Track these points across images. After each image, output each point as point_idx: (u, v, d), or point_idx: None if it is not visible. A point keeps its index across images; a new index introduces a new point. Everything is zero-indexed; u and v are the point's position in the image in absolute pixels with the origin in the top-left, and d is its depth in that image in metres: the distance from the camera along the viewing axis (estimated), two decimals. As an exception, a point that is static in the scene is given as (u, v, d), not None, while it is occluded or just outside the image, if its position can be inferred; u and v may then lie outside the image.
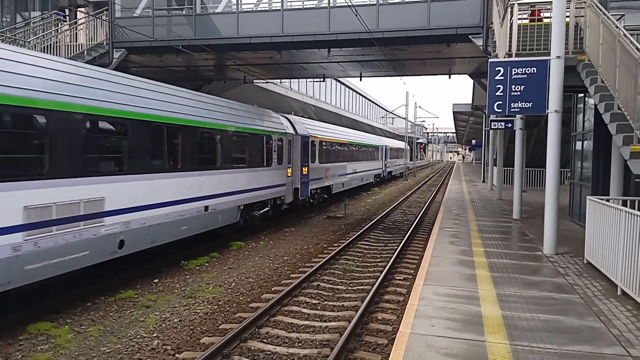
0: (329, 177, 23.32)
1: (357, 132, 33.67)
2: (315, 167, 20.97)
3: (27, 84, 7.55)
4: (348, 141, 27.85)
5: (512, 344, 5.31)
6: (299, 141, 19.02)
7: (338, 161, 25.20)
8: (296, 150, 18.71)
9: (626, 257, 6.87)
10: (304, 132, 19.85)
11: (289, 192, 17.82)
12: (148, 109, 10.33)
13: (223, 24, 16.48)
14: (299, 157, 18.89)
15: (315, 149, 21.15)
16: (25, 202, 7.39)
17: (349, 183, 27.81)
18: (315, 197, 21.67)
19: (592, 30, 9.88)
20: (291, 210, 19.59)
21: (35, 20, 18.92)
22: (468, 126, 53.58)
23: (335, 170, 24.55)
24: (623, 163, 10.13)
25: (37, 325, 7.67)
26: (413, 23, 14.96)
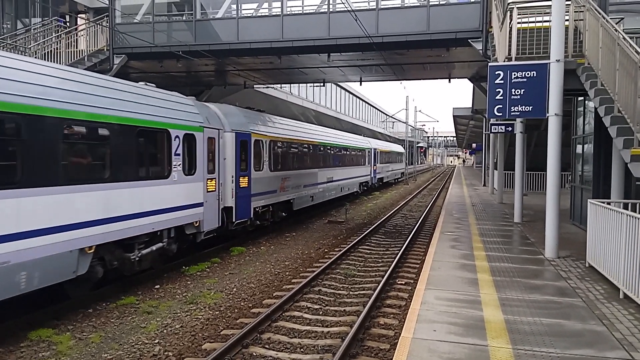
0: (288, 189, 17.91)
1: (332, 131, 27.06)
2: (262, 177, 15.63)
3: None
4: (319, 142, 22.20)
5: (514, 348, 5.30)
6: (231, 141, 13.62)
7: (303, 167, 19.73)
8: (227, 153, 13.49)
9: (628, 260, 6.86)
10: (242, 128, 14.43)
11: (210, 214, 12.34)
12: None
13: (223, 30, 16.52)
14: (232, 164, 13.61)
15: (263, 152, 15.81)
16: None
17: (322, 195, 22.32)
18: (265, 216, 16.35)
19: (591, 33, 9.89)
20: (224, 238, 14.51)
21: (36, 27, 18.99)
22: (468, 130, 53.59)
23: (299, 180, 19.08)
24: (624, 166, 10.12)
25: (39, 332, 7.66)
26: (413, 27, 14.99)
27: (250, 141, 14.80)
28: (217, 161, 12.94)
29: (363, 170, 31.55)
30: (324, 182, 22.59)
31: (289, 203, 18.29)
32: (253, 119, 15.76)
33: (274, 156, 16.79)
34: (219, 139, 13.12)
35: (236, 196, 13.74)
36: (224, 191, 13.36)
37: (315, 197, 21.22)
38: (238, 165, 13.91)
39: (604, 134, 10.55)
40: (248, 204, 14.56)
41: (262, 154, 15.73)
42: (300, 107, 36.78)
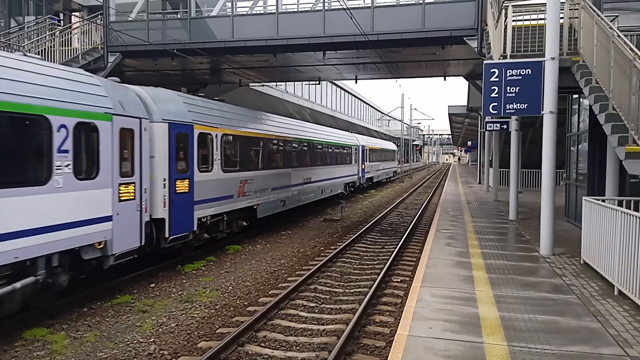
0: (250, 193, 15.05)
1: (311, 126, 24.00)
2: (212, 180, 12.75)
3: None
4: (293, 138, 19.30)
5: (510, 345, 5.31)
6: (163, 134, 10.88)
7: (271, 167, 16.90)
8: (157, 150, 10.72)
9: (623, 258, 6.89)
10: (181, 117, 11.58)
11: (124, 231, 9.44)
12: None
13: (218, 28, 16.49)
14: (164, 164, 10.85)
15: (212, 149, 12.86)
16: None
17: (296, 199, 19.46)
18: (219, 227, 13.48)
19: (586, 31, 9.92)
20: (150, 260, 11.46)
21: (30, 25, 18.88)
22: (463, 128, 53.73)
23: (265, 182, 16.26)
24: (618, 163, 10.15)
25: (33, 331, 7.62)
26: (408, 25, 15.01)
27: (193, 135, 11.87)
28: (137, 160, 9.88)
29: (349, 169, 28.75)
30: (299, 183, 19.77)
31: (252, 210, 15.40)
32: (198, 108, 12.70)
33: (230, 154, 13.97)
34: (141, 131, 10.01)
35: (170, 205, 10.91)
36: (152, 199, 10.46)
37: (287, 202, 18.36)
38: (173, 165, 11.08)
39: (598, 131, 10.57)
40: (189, 213, 11.66)
41: (211, 151, 12.79)
42: (296, 105, 36.77)
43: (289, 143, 18.72)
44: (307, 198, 20.97)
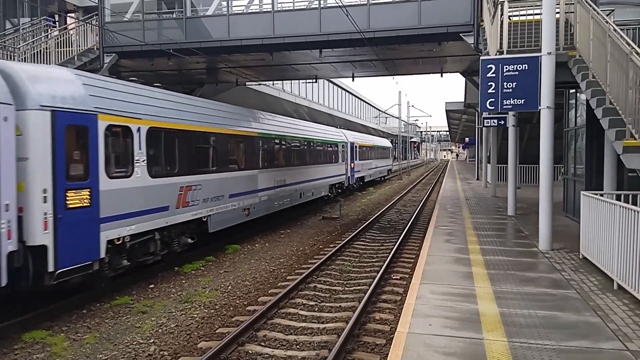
0: (197, 202, 12.05)
1: (284, 120, 20.19)
2: (132, 188, 9.87)
3: None
4: (260, 133, 16.22)
5: (510, 341, 5.31)
6: (42, 125, 7.87)
7: (227, 170, 13.78)
8: (31, 148, 7.77)
9: (622, 252, 6.89)
10: (75, 104, 8.52)
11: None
12: None
13: (214, 27, 16.44)
14: (45, 168, 7.86)
15: (133, 147, 9.98)
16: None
17: (265, 206, 16.37)
18: (149, 249, 10.57)
19: (582, 26, 9.91)
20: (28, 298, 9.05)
21: (25, 27, 18.82)
22: (461, 124, 53.74)
23: (219, 188, 13.20)
24: (616, 158, 10.16)
25: (33, 334, 7.60)
26: (404, 22, 14.98)
27: (96, 127, 8.86)
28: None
29: (335, 169, 25.65)
30: (269, 187, 16.62)
31: (201, 223, 12.50)
32: (108, 92, 9.53)
33: (162, 154, 10.97)
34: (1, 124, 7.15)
35: (57, 225, 7.93)
36: (26, 219, 7.65)
37: (253, 210, 15.27)
38: (61, 170, 8.09)
39: (596, 126, 10.58)
40: (91, 235, 8.68)
41: (131, 151, 9.90)
42: (293, 104, 36.72)
43: (253, 140, 15.59)
44: (282, 204, 17.80)
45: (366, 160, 34.43)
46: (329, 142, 25.16)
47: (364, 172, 33.37)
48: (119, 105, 9.66)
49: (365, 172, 34.12)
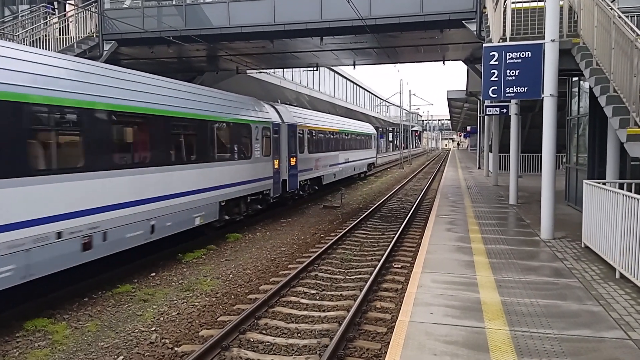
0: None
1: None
2: None
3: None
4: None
5: (511, 329, 5.30)
6: None
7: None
8: None
9: (624, 241, 6.86)
10: None
11: None
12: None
13: (214, 14, 16.29)
14: None
15: None
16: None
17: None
18: None
19: (586, 12, 9.79)
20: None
21: (24, 14, 18.67)
22: (463, 113, 53.56)
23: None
24: (619, 146, 10.10)
25: (34, 322, 7.62)
26: (406, 9, 14.83)
27: None
28: None
29: (242, 171, 14.81)
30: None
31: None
32: None
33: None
34: None
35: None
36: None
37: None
38: None
39: (599, 114, 10.50)
40: None
41: None
42: (294, 92, 36.55)
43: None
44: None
45: (326, 153, 23.92)
46: (227, 120, 14.16)
47: (321, 170, 22.85)
48: None
49: (326, 170, 23.74)
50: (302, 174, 20.02)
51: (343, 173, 27.28)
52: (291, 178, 18.72)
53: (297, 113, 21.00)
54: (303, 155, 20.21)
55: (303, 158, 20.24)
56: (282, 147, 18.13)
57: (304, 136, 20.62)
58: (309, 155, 21.07)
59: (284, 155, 18.22)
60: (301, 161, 19.93)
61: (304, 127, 20.65)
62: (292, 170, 18.78)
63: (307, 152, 20.77)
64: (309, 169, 21.10)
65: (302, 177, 20.14)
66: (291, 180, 18.78)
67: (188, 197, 11.86)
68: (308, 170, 21.00)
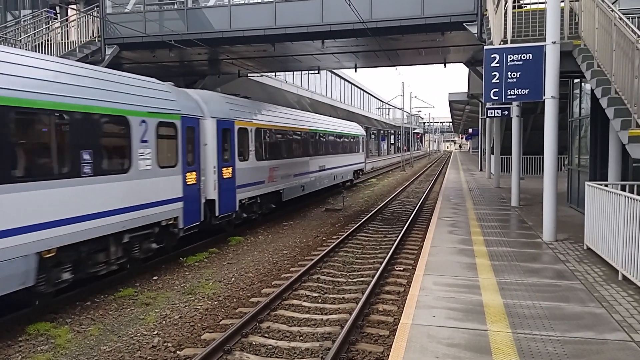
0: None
1: None
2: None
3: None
4: None
5: (514, 332, 5.29)
6: None
7: None
8: None
9: (626, 242, 6.85)
10: None
11: None
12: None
13: (215, 18, 16.35)
14: None
15: None
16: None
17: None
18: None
19: (587, 14, 9.80)
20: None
21: (26, 19, 18.74)
22: (464, 115, 53.56)
23: None
24: (621, 148, 10.09)
25: (37, 326, 7.62)
26: (407, 12, 14.86)
27: None
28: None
29: (101, 193, 8.95)
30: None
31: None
32: None
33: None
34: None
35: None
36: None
37: None
38: None
39: (600, 115, 10.49)
40: None
41: None
42: (295, 95, 36.62)
43: None
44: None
45: (289, 160, 18.55)
46: (44, 106, 7.87)
47: (279, 182, 17.49)
48: None
49: (285, 182, 18.11)
50: (244, 190, 14.61)
51: (317, 184, 22.10)
52: (224, 196, 13.30)
53: (238, 105, 15.09)
54: (247, 164, 14.87)
55: (247, 168, 14.87)
56: (206, 153, 12.72)
57: (250, 137, 15.17)
58: (258, 163, 15.68)
59: (211, 164, 12.75)
60: (243, 172, 14.52)
61: (248, 124, 15.12)
62: (225, 185, 13.38)
63: (254, 158, 15.43)
64: (257, 182, 15.66)
65: (245, 193, 14.71)
66: (224, 200, 13.30)
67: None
68: (256, 184, 15.55)
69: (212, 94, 14.53)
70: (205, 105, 13.05)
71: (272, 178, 16.85)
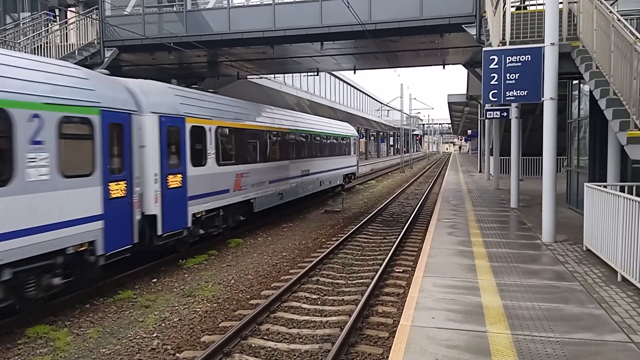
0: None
1: None
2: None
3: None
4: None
5: (513, 333, 5.29)
6: None
7: None
8: None
9: (625, 243, 6.85)
10: None
11: None
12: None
13: (214, 20, 16.37)
14: None
15: None
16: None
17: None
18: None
19: (585, 16, 9.82)
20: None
21: (25, 21, 18.77)
22: (463, 116, 53.62)
23: None
24: (620, 149, 10.11)
25: (36, 329, 7.61)
26: (405, 14, 14.88)
27: None
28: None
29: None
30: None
31: None
32: None
33: None
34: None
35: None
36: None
37: None
38: None
39: (599, 117, 10.51)
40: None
41: None
42: (295, 97, 36.64)
43: None
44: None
45: (261, 164, 16.16)
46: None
47: (248, 190, 15.08)
48: None
49: (257, 189, 15.72)
50: (199, 201, 12.15)
51: (298, 191, 19.60)
52: (170, 210, 10.94)
53: (192, 99, 12.48)
54: (204, 170, 12.43)
55: (204, 174, 12.43)
56: (144, 158, 10.38)
57: (208, 138, 12.68)
58: (219, 168, 13.20)
59: (150, 171, 10.50)
60: (198, 180, 12.09)
61: (206, 122, 12.66)
62: (172, 196, 11.02)
63: (214, 163, 12.93)
64: (219, 191, 13.21)
65: (201, 205, 12.24)
66: (170, 215, 10.95)
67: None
68: (217, 194, 13.10)
69: (156, 84, 11.72)
70: (143, 97, 10.59)
71: (240, 185, 14.39)
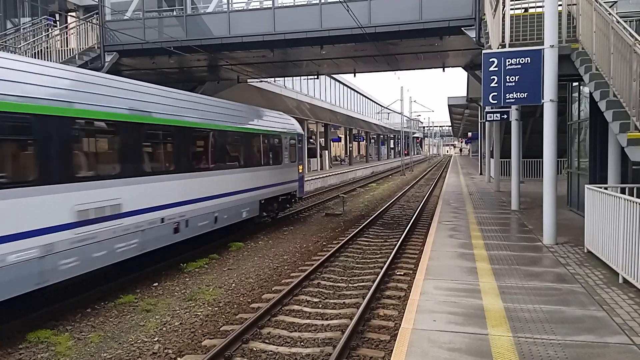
0: None
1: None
2: None
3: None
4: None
5: (515, 336, 5.28)
6: None
7: None
8: None
9: (627, 245, 6.84)
10: None
11: None
12: None
13: (214, 24, 16.41)
14: None
15: None
16: None
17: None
18: None
19: (585, 18, 9.84)
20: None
21: (26, 26, 18.81)
22: (464, 119, 53.66)
23: None
24: (620, 150, 10.10)
25: (37, 333, 7.60)
26: (405, 17, 14.93)
27: None
28: None
29: None
30: None
31: None
32: None
33: None
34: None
35: None
36: None
37: None
38: None
39: (599, 118, 10.51)
40: None
41: None
42: (295, 101, 36.67)
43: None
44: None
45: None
46: None
47: None
48: None
49: None
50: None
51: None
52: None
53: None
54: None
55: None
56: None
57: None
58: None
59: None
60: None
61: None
62: None
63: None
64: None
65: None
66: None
67: None
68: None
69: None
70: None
71: None
